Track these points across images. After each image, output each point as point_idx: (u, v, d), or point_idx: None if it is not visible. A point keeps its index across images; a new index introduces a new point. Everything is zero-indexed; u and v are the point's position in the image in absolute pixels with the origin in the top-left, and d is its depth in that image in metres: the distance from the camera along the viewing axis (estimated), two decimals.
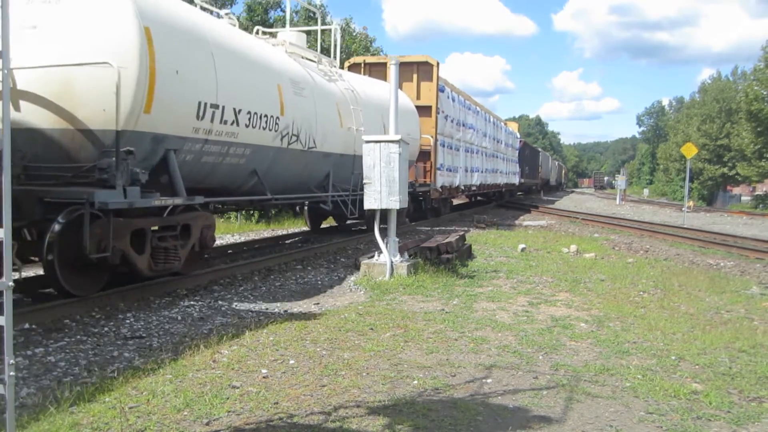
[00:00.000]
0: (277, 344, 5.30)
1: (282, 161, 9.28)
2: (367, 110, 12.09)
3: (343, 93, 11.40)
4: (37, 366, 4.71)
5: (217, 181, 8.31)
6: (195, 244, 7.79)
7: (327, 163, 10.85)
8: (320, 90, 10.48)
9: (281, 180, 9.67)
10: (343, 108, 11.20)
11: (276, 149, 8.97)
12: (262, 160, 8.76)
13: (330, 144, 10.66)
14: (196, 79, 7.07)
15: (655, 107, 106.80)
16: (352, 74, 13.48)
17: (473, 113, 21.76)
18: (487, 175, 24.78)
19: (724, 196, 50.95)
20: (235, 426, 3.64)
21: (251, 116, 8.15)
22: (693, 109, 57.35)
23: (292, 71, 9.66)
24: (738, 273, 11.14)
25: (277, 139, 8.93)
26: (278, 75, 9.07)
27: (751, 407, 4.17)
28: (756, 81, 40.30)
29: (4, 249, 2.83)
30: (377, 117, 12.51)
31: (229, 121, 7.67)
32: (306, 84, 9.92)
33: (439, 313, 6.61)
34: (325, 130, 10.39)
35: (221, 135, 7.62)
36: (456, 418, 3.83)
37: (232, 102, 7.69)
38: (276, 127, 8.82)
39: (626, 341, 5.69)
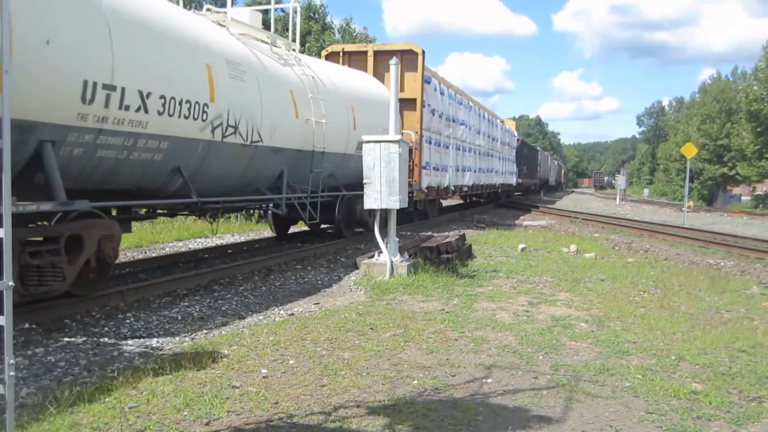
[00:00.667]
0: (277, 344, 5.30)
1: (216, 157, 7.84)
2: (333, 100, 10.75)
3: (301, 80, 9.85)
4: (37, 366, 4.71)
5: (128, 182, 6.82)
6: (91, 260, 6.29)
7: (279, 160, 9.31)
8: (269, 74, 8.91)
9: (217, 180, 8.25)
10: (300, 96, 9.65)
11: (206, 143, 7.49)
12: (187, 155, 7.30)
13: (282, 138, 9.15)
14: (81, 53, 5.60)
15: (655, 107, 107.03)
16: (315, 60, 12.04)
17: (465, 108, 20.41)
18: (481, 174, 23.44)
19: (724, 196, 50.96)
20: (235, 426, 3.64)
21: (167, 102, 6.64)
22: (693, 109, 57.37)
23: (231, 51, 8.10)
24: (738, 273, 11.14)
25: (207, 131, 7.44)
26: (209, 54, 7.50)
27: (751, 407, 4.17)
28: (756, 81, 40.31)
29: (4, 249, 2.83)
30: (345, 108, 11.27)
31: (134, 107, 6.18)
32: (249, 66, 8.37)
33: (439, 312, 6.62)
34: (275, 122, 8.85)
35: (122, 124, 6.11)
36: (456, 418, 3.83)
37: (138, 83, 6.21)
38: (204, 116, 7.32)
39: (626, 341, 5.70)
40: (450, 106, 18.14)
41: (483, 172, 23.68)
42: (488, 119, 25.28)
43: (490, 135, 25.45)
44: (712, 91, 53.98)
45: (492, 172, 26.01)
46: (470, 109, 21.25)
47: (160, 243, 12.44)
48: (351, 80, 12.31)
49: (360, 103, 11.89)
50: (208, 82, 7.41)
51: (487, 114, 25.41)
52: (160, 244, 12.36)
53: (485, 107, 25.44)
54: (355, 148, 11.49)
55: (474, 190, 23.21)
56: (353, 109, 11.57)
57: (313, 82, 10.25)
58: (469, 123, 20.80)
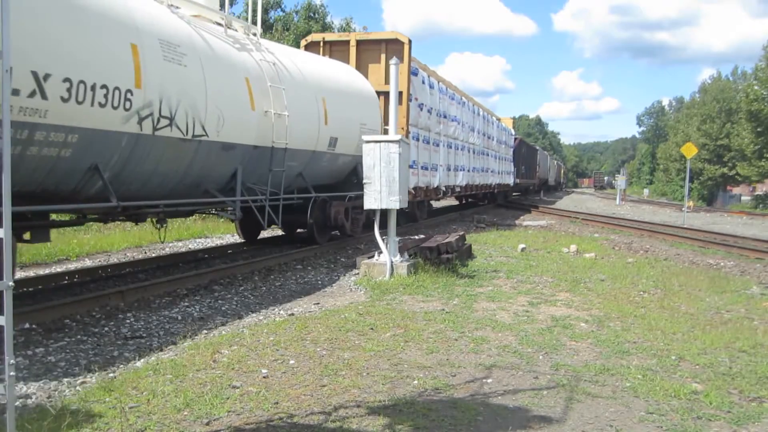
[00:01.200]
0: (277, 344, 5.30)
1: (147, 154, 6.71)
2: (299, 91, 9.64)
3: (259, 66, 8.70)
4: (37, 366, 4.71)
5: (27, 182, 5.65)
6: None
7: (231, 157, 8.18)
8: (217, 59, 7.79)
9: (153, 180, 7.14)
10: (258, 85, 8.50)
11: (131, 136, 6.36)
12: (106, 151, 6.17)
13: (234, 132, 8.01)
14: None
15: (655, 107, 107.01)
16: (279, 46, 10.67)
17: (458, 104, 19.28)
18: (476, 174, 22.29)
19: (724, 196, 50.95)
20: (235, 426, 3.64)
21: (73, 86, 5.54)
22: (693, 109, 57.34)
23: (167, 30, 6.98)
24: (738, 273, 11.13)
25: (132, 122, 6.30)
26: (135, 31, 6.38)
27: (752, 407, 4.17)
28: (756, 81, 40.30)
29: (4, 249, 2.82)
30: (314, 100, 10.10)
31: (26, 92, 5.13)
32: (191, 48, 7.28)
33: (440, 313, 6.61)
34: (224, 113, 7.73)
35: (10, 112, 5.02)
36: (456, 418, 3.83)
37: (31, 62, 5.18)
38: (128, 104, 6.19)
39: (626, 341, 5.69)
40: (441, 101, 17.11)
41: (477, 171, 22.75)
42: (483, 116, 24.26)
43: (486, 133, 24.47)
44: (712, 91, 53.98)
45: (487, 172, 25.00)
46: (463, 105, 20.20)
47: (160, 243, 12.44)
48: (323, 69, 11.12)
49: (333, 95, 10.79)
50: (133, 65, 6.25)
51: (482, 111, 24.40)
52: (160, 244, 12.36)
53: (480, 104, 24.59)
54: (327, 144, 10.61)
55: (468, 191, 22.07)
56: (324, 102, 10.38)
57: (274, 70, 9.05)
58: (462, 120, 19.77)
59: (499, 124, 28.88)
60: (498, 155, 27.64)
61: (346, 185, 11.96)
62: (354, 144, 11.37)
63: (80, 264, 9.76)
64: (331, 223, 11.50)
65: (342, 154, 11.27)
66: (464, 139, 20.30)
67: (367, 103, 12.27)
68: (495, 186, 27.20)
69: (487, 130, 24.69)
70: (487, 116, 25.40)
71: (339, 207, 11.61)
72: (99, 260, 10.10)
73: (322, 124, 10.30)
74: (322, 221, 11.40)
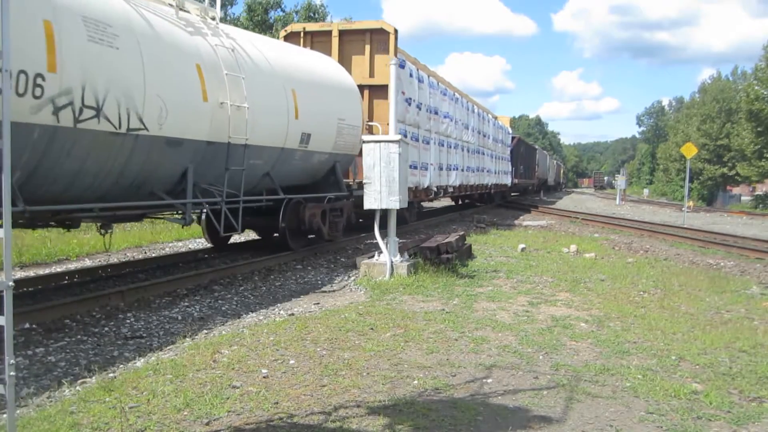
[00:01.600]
0: (277, 344, 5.30)
1: (68, 150, 5.79)
2: (263, 81, 8.69)
3: (215, 52, 7.71)
4: (37, 366, 4.71)
5: None
6: None
7: (179, 155, 7.22)
8: (160, 42, 6.84)
9: (82, 181, 6.20)
10: (212, 74, 7.55)
11: (44, 129, 5.45)
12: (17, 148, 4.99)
13: (181, 126, 7.06)
14: None
15: (655, 107, 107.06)
16: (242, 32, 9.55)
17: (450, 100, 18.30)
18: (470, 174, 21.25)
19: (724, 196, 50.95)
20: (235, 426, 3.64)
21: None
22: (693, 109, 57.36)
23: (94, 6, 6.05)
24: (738, 273, 11.13)
25: (45, 112, 5.40)
26: (50, 7, 5.48)
27: (752, 407, 4.17)
28: (756, 81, 40.31)
29: (4, 249, 2.83)
30: (281, 92, 9.09)
31: None
32: (125, 29, 6.34)
33: (440, 312, 6.62)
34: (168, 104, 6.78)
35: None
36: (456, 418, 3.83)
37: None
38: (38, 90, 5.30)
39: (626, 341, 5.69)
40: (431, 96, 16.17)
41: (472, 171, 21.73)
42: (478, 113, 23.23)
43: (481, 131, 23.53)
44: (711, 91, 54.00)
45: (483, 172, 24.00)
46: (456, 102, 19.28)
47: (160, 243, 12.45)
48: (294, 59, 10.08)
49: (306, 87, 9.77)
50: (46, 45, 5.37)
51: (477, 108, 23.41)
52: (160, 244, 12.37)
53: (475, 101, 23.74)
54: (298, 141, 9.59)
55: (462, 191, 21.10)
56: (295, 94, 9.36)
57: (233, 57, 8.06)
58: (455, 117, 18.82)
59: (496, 122, 27.98)
60: (494, 154, 26.77)
61: (324, 186, 11.12)
62: (331, 141, 10.62)
63: (80, 264, 9.76)
64: (305, 227, 10.48)
65: (317, 152, 10.31)
66: (458, 137, 19.41)
67: (347, 96, 11.25)
68: (491, 186, 26.31)
69: (482, 128, 23.86)
70: (483, 114, 24.51)
71: (315, 209, 10.68)
72: (99, 260, 10.10)
73: (291, 118, 9.26)
74: (296, 225, 10.42)
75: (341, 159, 11.21)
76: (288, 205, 10.02)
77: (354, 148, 11.42)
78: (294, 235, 10.53)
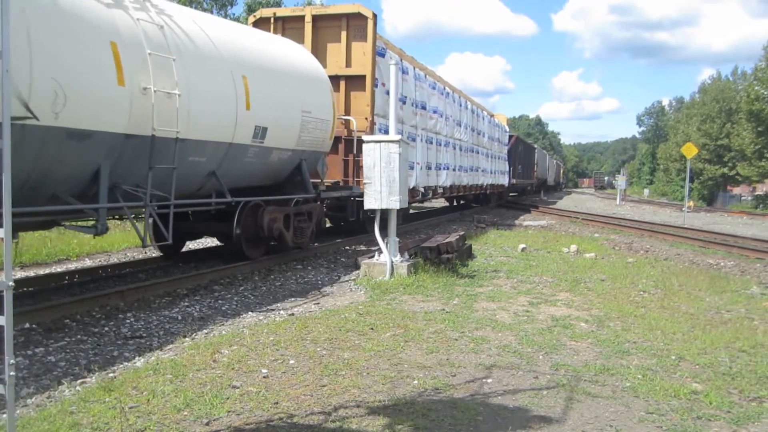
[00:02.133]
0: (277, 344, 5.30)
1: None
2: (204, 64, 7.50)
3: (137, 28, 6.50)
4: (37, 366, 4.71)
5: None
6: None
7: (86, 150, 6.01)
8: (56, 13, 5.65)
9: None
10: (131, 53, 6.33)
11: None
12: None
13: (88, 115, 5.90)
14: None
15: (655, 107, 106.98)
16: (180, 7, 8.21)
17: (440, 94, 17.13)
18: (463, 174, 20.20)
19: (724, 196, 50.95)
20: (235, 426, 3.64)
21: None
22: (693, 109, 57.35)
23: None
24: (738, 273, 11.13)
25: None
26: None
27: (752, 407, 4.17)
28: (756, 81, 40.30)
29: (4, 249, 2.83)
30: (228, 78, 7.84)
31: None
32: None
33: (440, 312, 6.61)
34: (67, 88, 5.58)
35: None
36: (456, 418, 3.83)
37: None
38: None
39: (626, 341, 5.69)
40: (418, 89, 15.01)
41: (465, 171, 20.69)
42: (472, 110, 22.07)
43: (476, 128, 22.48)
44: (712, 91, 53.98)
45: (478, 171, 22.94)
46: (447, 96, 18.18)
47: None
48: (247, 41, 8.78)
49: (261, 74, 8.60)
50: None
51: (471, 105, 22.25)
52: None
53: (470, 97, 22.70)
54: (251, 135, 8.40)
55: (453, 192, 19.92)
56: (246, 81, 8.17)
57: (162, 35, 6.83)
58: (445, 113, 17.79)
59: (492, 120, 26.89)
60: (490, 153, 25.79)
61: (289, 187, 10.04)
62: (294, 136, 9.46)
63: (80, 264, 9.76)
64: (264, 233, 9.27)
65: (277, 149, 9.12)
66: (449, 135, 18.35)
67: (314, 86, 10.02)
68: (487, 186, 25.36)
69: (477, 125, 22.84)
70: (477, 110, 23.46)
71: (276, 213, 9.50)
72: (99, 260, 10.10)
73: (241, 108, 8.06)
74: (254, 231, 9.25)
75: (308, 156, 10.13)
76: (244, 209, 8.91)
77: (323, 145, 10.43)
78: (251, 242, 9.34)
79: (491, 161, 25.94)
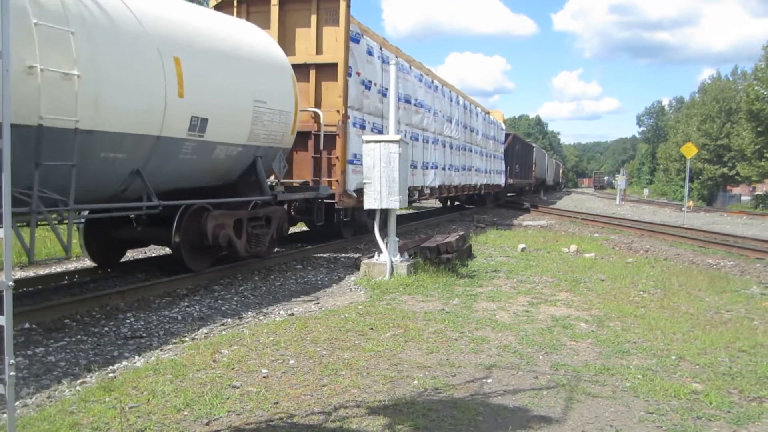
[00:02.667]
0: (277, 344, 5.30)
1: None
2: (120, 41, 6.28)
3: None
4: (37, 366, 4.71)
5: None
6: None
7: None
8: None
9: None
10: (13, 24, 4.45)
11: None
12: None
13: None
14: None
15: (655, 107, 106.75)
16: None
17: (426, 87, 15.80)
18: (453, 173, 18.94)
19: (724, 196, 50.97)
20: (235, 426, 3.64)
21: None
22: (693, 109, 57.36)
23: None
24: (738, 273, 11.14)
25: None
26: None
27: (752, 407, 4.17)
28: (756, 81, 40.31)
29: (4, 249, 2.82)
30: (153, 57, 6.67)
31: None
32: None
33: (439, 312, 6.62)
34: None
35: None
36: (456, 417, 3.83)
37: None
38: None
39: (626, 341, 5.69)
40: (401, 81, 13.50)
41: (457, 170, 19.42)
42: (464, 106, 20.70)
43: (468, 125, 21.15)
44: (711, 91, 53.99)
45: (471, 171, 21.62)
46: (436, 90, 16.90)
47: None
48: (181, 16, 7.48)
49: (199, 55, 7.40)
50: None
51: (464, 100, 20.82)
52: None
53: (462, 92, 21.23)
54: (187, 128, 7.15)
55: (443, 193, 18.65)
56: (179, 63, 6.92)
57: (59, 3, 5.64)
58: (433, 107, 16.55)
59: (487, 117, 25.49)
60: (485, 152, 24.49)
61: (243, 188, 8.86)
62: (245, 129, 8.25)
63: (80, 264, 9.75)
64: (209, 241, 8.05)
65: (222, 144, 7.89)
66: (437, 131, 17.11)
67: (270, 72, 8.84)
68: (481, 187, 23.94)
69: (470, 122, 21.50)
70: (471, 106, 22.08)
71: (224, 219, 8.28)
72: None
73: (172, 95, 6.86)
74: (197, 239, 8.02)
75: (265, 153, 8.93)
76: (185, 214, 7.77)
77: (283, 140, 9.22)
78: (194, 252, 8.09)
79: (486, 160, 24.83)
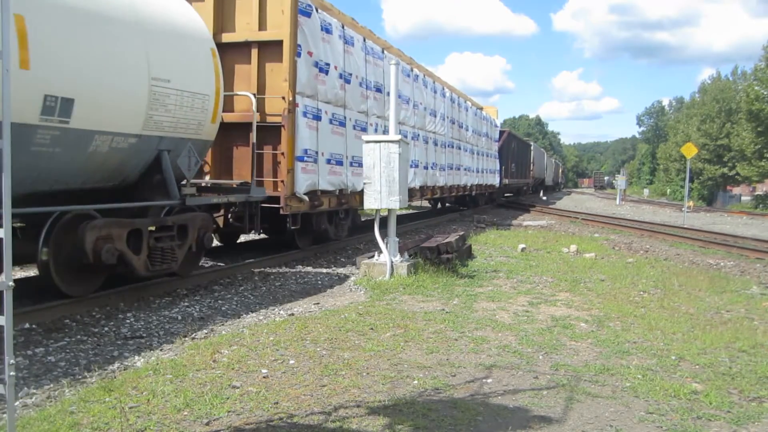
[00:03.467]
0: (277, 344, 5.30)
1: None
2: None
3: None
4: (37, 366, 4.71)
5: None
6: None
7: None
8: None
9: None
10: None
11: None
12: None
13: None
14: None
15: (655, 107, 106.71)
16: None
17: (405, 77, 14.01)
18: (438, 172, 17.15)
19: (724, 196, 50.94)
20: (235, 426, 3.64)
21: None
22: (693, 109, 57.34)
23: None
24: (738, 273, 11.14)
25: None
26: None
27: (752, 407, 4.17)
28: (756, 81, 40.30)
29: (4, 249, 2.82)
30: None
31: None
32: None
33: (439, 312, 6.62)
34: None
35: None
36: (456, 418, 3.83)
37: None
38: None
39: (626, 341, 5.69)
40: (368, 65, 11.75)
41: (442, 169, 17.71)
42: (452, 99, 18.97)
43: (456, 121, 19.51)
44: (711, 91, 53.96)
45: (459, 170, 19.96)
46: (416, 80, 15.04)
47: None
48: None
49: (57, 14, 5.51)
50: None
51: (451, 93, 19.02)
52: None
53: (449, 84, 19.43)
54: (38, 111, 5.32)
55: (426, 194, 16.87)
56: (23, 23, 5.11)
57: None
58: (413, 99, 14.72)
59: (478, 112, 23.55)
60: (476, 150, 22.77)
61: (145, 190, 7.12)
62: (139, 114, 6.46)
63: None
64: (88, 258, 6.17)
65: (102, 132, 6.09)
66: (418, 126, 15.28)
67: (176, 43, 6.99)
68: (472, 187, 22.22)
69: (458, 117, 19.79)
70: (459, 100, 20.32)
71: (111, 229, 6.41)
72: None
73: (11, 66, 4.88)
74: (75, 256, 6.21)
75: (175, 146, 7.12)
76: (54, 226, 6.02)
77: (199, 130, 7.39)
78: (72, 272, 6.30)
79: (477, 159, 23.07)
